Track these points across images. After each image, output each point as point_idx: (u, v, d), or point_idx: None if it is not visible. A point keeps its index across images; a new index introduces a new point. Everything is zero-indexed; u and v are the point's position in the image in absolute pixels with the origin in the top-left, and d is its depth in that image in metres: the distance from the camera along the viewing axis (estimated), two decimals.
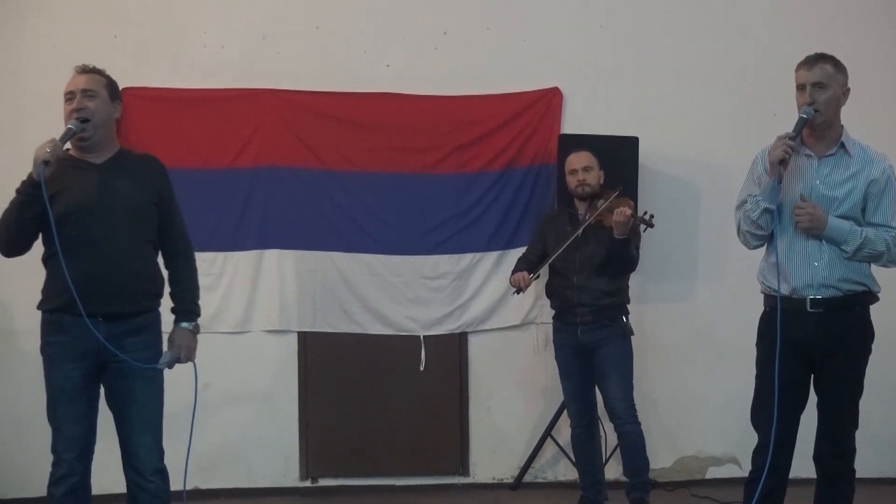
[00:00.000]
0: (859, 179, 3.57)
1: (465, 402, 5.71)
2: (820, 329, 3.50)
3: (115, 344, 3.42)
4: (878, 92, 5.84)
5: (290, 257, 5.56)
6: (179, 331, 3.65)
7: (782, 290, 3.53)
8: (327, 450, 5.64)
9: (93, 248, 3.38)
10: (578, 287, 4.71)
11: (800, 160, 3.61)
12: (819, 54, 3.63)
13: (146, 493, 3.51)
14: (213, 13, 5.61)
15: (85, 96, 3.50)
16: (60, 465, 3.44)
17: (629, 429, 4.72)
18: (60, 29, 5.46)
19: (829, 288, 3.51)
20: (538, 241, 4.95)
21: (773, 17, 5.81)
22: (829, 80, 3.56)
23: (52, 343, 3.44)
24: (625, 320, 4.76)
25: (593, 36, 5.77)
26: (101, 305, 3.38)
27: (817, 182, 3.58)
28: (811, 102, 3.55)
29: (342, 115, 5.60)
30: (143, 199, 3.54)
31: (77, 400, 3.43)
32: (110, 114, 3.59)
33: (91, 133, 3.49)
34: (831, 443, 3.59)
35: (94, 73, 3.60)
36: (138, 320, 3.50)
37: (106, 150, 3.57)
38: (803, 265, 3.54)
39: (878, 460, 5.61)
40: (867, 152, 3.65)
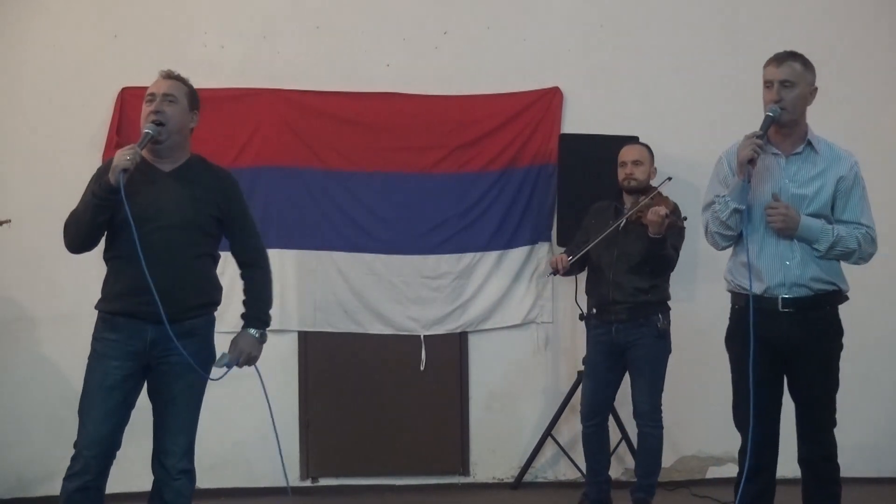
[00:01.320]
0: (828, 177, 3.55)
1: (466, 401, 5.71)
2: (792, 328, 3.49)
3: (162, 346, 3.45)
4: (877, 91, 5.86)
5: (290, 257, 5.56)
6: (245, 335, 3.68)
7: (754, 290, 3.51)
8: (327, 449, 5.64)
9: (150, 258, 3.38)
10: (614, 284, 4.68)
11: (767, 159, 3.58)
12: (788, 52, 3.60)
13: (171, 490, 3.55)
14: (213, 13, 5.61)
15: (165, 100, 3.52)
16: (78, 460, 3.44)
17: (650, 431, 4.71)
18: (61, 29, 5.47)
19: (801, 287, 3.50)
20: (583, 233, 4.89)
21: (773, 16, 5.81)
22: (798, 78, 3.54)
23: (103, 339, 3.48)
24: (661, 319, 4.70)
25: (594, 36, 5.77)
26: (151, 313, 3.41)
27: (786, 181, 3.56)
28: (778, 100, 3.52)
29: (342, 115, 5.60)
30: (203, 214, 3.54)
31: (109, 398, 3.43)
32: (186, 122, 3.60)
33: (165, 137, 3.50)
34: (815, 443, 3.56)
35: (178, 81, 3.62)
36: (188, 324, 3.51)
37: (177, 157, 3.59)
38: (775, 265, 3.52)
39: (875, 460, 5.62)
40: (833, 149, 3.63)
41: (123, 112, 5.41)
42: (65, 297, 5.26)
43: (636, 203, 4.71)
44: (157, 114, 3.48)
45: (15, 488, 5.29)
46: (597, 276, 4.80)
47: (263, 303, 3.76)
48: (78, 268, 4.51)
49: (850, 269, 5.78)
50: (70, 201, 3.60)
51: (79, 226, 3.48)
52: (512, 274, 5.66)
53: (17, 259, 5.36)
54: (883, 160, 5.86)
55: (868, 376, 5.68)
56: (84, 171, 5.04)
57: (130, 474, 3.94)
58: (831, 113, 5.75)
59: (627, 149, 4.82)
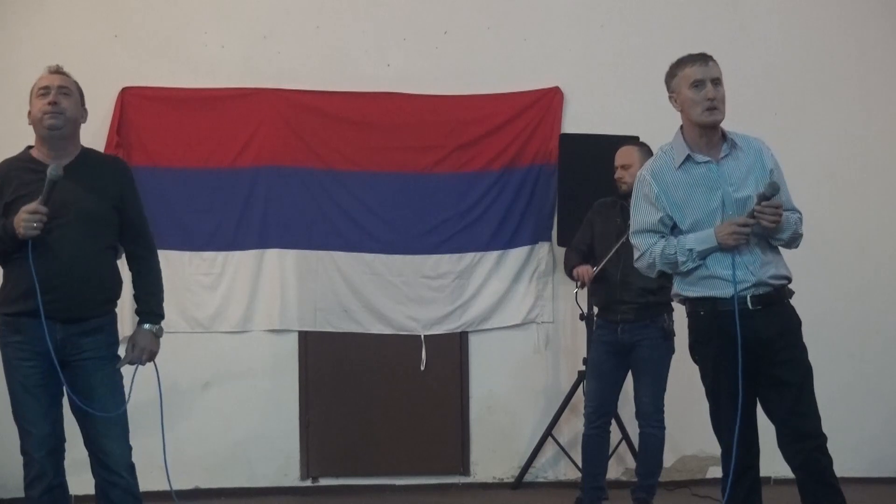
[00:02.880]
0: (756, 170, 3.48)
1: (466, 401, 5.71)
2: (764, 325, 3.44)
3: (72, 344, 3.42)
4: (879, 91, 5.86)
5: (290, 257, 5.56)
6: (141, 332, 3.60)
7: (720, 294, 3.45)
8: (328, 449, 5.64)
9: (51, 253, 3.37)
10: (621, 283, 4.66)
11: (697, 168, 3.48)
12: (704, 53, 3.53)
13: (118, 489, 3.50)
14: (213, 13, 5.61)
15: (60, 92, 3.50)
16: (32, 465, 3.43)
17: (652, 431, 4.70)
18: (61, 29, 5.46)
19: (764, 285, 3.46)
20: (586, 230, 4.87)
21: (774, 16, 5.81)
22: (721, 76, 3.49)
23: (10, 343, 3.43)
24: (667, 319, 4.68)
25: (594, 35, 5.77)
26: (58, 310, 3.38)
27: (728, 188, 3.46)
28: (713, 98, 3.43)
29: (343, 115, 5.60)
30: (103, 205, 3.50)
31: (39, 396, 3.41)
32: (79, 116, 3.57)
33: (62, 123, 3.47)
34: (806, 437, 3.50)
35: (68, 75, 3.62)
36: (94, 322, 3.48)
37: (69, 152, 3.54)
38: (739, 269, 3.43)
39: (876, 460, 5.61)
40: (748, 140, 3.56)
41: (123, 112, 5.41)
42: None
43: None
44: (54, 105, 3.45)
45: (16, 488, 5.28)
46: (603, 276, 4.79)
47: (155, 296, 3.66)
48: None
49: (851, 269, 5.79)
50: None
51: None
52: (512, 274, 5.66)
53: None
54: (885, 159, 5.88)
55: (868, 376, 5.69)
56: None
57: None
58: (832, 112, 5.79)
59: (619, 151, 4.78)
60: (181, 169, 5.49)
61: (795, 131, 5.59)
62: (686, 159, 3.52)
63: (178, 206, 5.46)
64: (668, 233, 3.57)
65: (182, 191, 5.48)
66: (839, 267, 5.73)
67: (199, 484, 5.32)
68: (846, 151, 5.78)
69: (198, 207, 5.49)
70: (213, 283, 5.48)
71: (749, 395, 3.55)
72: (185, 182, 5.48)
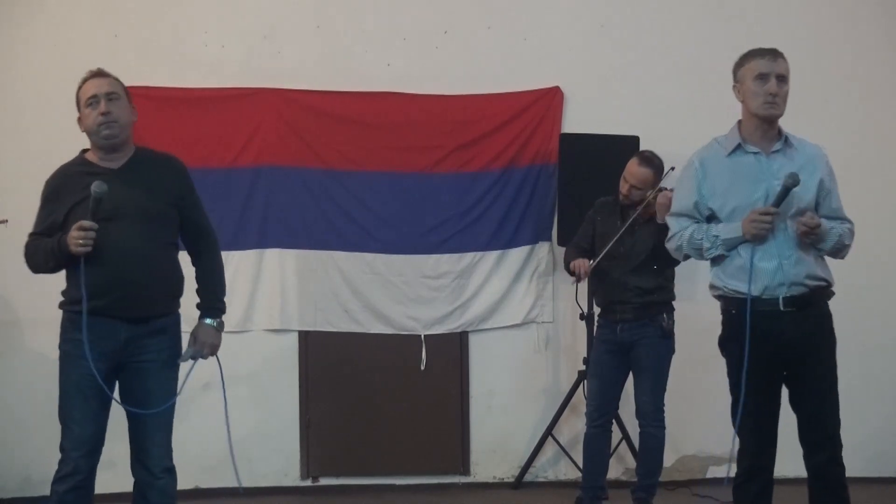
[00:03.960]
0: (808, 172, 3.49)
1: (466, 401, 5.71)
2: (794, 327, 3.45)
3: (135, 345, 3.46)
4: (879, 91, 5.85)
5: (290, 256, 5.57)
6: (203, 327, 3.66)
7: (753, 292, 3.46)
8: (328, 449, 5.65)
9: (112, 254, 3.39)
10: (620, 283, 4.67)
11: (745, 158, 3.52)
12: (774, 48, 3.54)
13: (155, 490, 3.54)
14: (213, 12, 5.61)
15: (109, 99, 3.51)
16: (67, 462, 3.44)
17: (652, 431, 4.70)
18: (61, 29, 5.46)
19: (799, 286, 3.46)
20: (588, 228, 4.86)
21: (774, 16, 5.81)
22: (788, 74, 3.51)
23: (72, 340, 3.44)
24: (666, 319, 4.69)
25: (594, 35, 5.77)
26: (121, 310, 3.42)
27: (774, 181, 3.48)
28: (775, 93, 3.46)
29: (343, 115, 5.60)
30: (161, 203, 3.53)
31: (90, 398, 3.43)
32: (131, 117, 3.60)
33: (117, 132, 3.50)
34: (824, 446, 3.50)
35: (112, 77, 3.61)
36: (158, 322, 3.52)
37: (124, 153, 3.57)
38: (772, 265, 3.46)
39: (876, 460, 5.61)
40: (807, 145, 3.58)
41: None
42: None
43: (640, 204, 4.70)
44: (107, 115, 3.47)
45: (17, 488, 5.30)
46: (603, 276, 4.79)
47: (217, 291, 3.71)
48: None
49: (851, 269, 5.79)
50: None
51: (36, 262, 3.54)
52: (512, 274, 5.67)
53: (17, 259, 5.34)
54: (886, 159, 5.88)
55: (868, 376, 5.68)
56: None
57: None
58: (834, 110, 5.79)
59: (635, 167, 4.68)
60: None
61: (796, 131, 5.53)
62: (737, 148, 3.54)
63: None
64: (702, 219, 3.60)
65: None
66: (840, 266, 5.69)
67: (199, 483, 5.32)
68: (846, 151, 5.75)
69: None
70: None
71: (773, 397, 3.55)
72: None
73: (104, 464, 3.58)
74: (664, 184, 4.68)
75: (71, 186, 3.47)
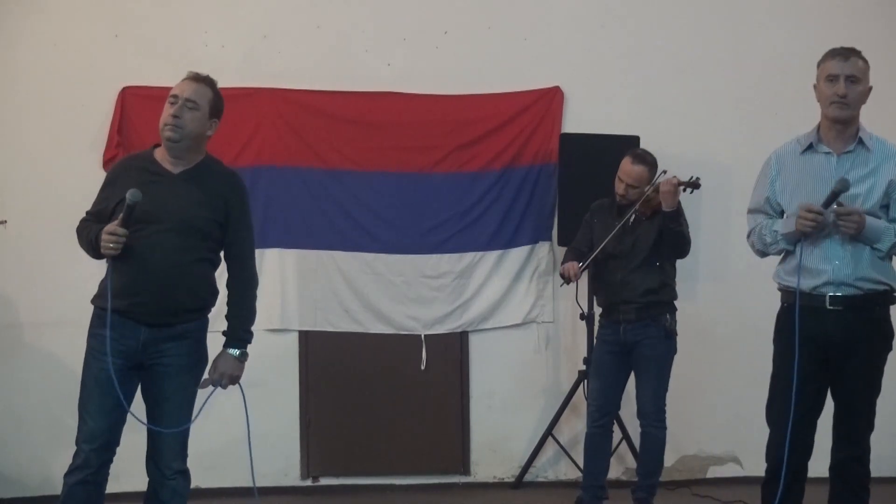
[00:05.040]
0: (879, 175, 3.48)
1: (466, 401, 5.71)
2: (837, 327, 3.44)
3: (155, 348, 3.46)
4: (879, 91, 5.84)
5: (291, 256, 5.56)
6: (225, 356, 3.62)
7: (803, 288, 3.47)
8: (328, 449, 5.65)
9: (146, 256, 3.40)
10: (622, 283, 4.66)
11: (817, 157, 3.54)
12: (850, 47, 3.54)
13: (167, 490, 3.57)
14: (213, 12, 5.60)
15: (186, 106, 3.48)
16: (79, 454, 3.46)
17: (653, 431, 4.70)
18: (61, 28, 5.46)
19: (849, 286, 3.45)
20: (586, 231, 4.87)
21: (775, 15, 5.81)
22: (861, 74, 3.51)
23: (97, 335, 3.46)
24: (669, 319, 4.68)
25: (594, 35, 5.76)
26: (143, 313, 3.43)
27: None
28: (844, 95, 3.46)
29: (343, 115, 5.60)
30: (206, 217, 3.51)
31: (108, 393, 3.43)
32: (204, 130, 3.54)
33: (179, 137, 3.47)
34: (848, 444, 3.52)
35: (204, 85, 3.57)
36: (180, 328, 3.50)
37: (189, 160, 3.55)
38: (824, 263, 3.47)
39: (875, 460, 5.59)
40: (886, 146, 3.56)
41: (124, 112, 5.41)
42: (64, 297, 5.24)
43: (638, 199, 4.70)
44: (175, 118, 3.45)
45: (15, 488, 5.29)
46: (605, 276, 4.78)
47: (245, 320, 3.65)
48: (77, 268, 4.53)
49: None
50: (69, 202, 3.60)
51: (83, 248, 3.56)
52: (512, 273, 5.66)
53: (17, 259, 5.36)
54: None
55: None
56: (83, 171, 5.12)
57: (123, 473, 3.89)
58: None
59: (628, 165, 4.69)
60: None
61: (796, 131, 5.55)
62: (809, 147, 3.56)
63: None
64: (775, 215, 3.64)
65: None
66: None
67: (199, 483, 5.29)
68: None
69: None
70: None
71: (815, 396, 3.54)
72: None
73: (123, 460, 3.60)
74: None
75: (128, 178, 3.45)
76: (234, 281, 3.65)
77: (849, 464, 3.52)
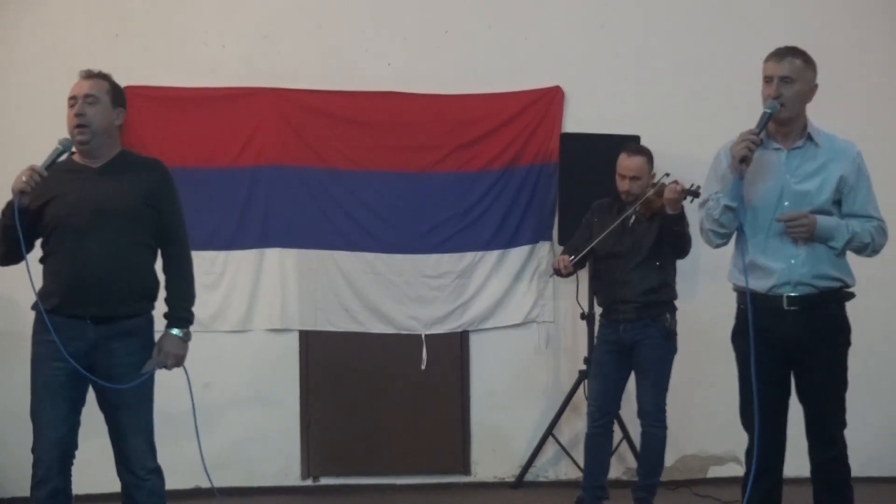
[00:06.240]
0: (829, 170, 3.49)
1: (467, 400, 5.71)
2: (797, 326, 3.45)
3: (105, 349, 3.44)
4: (880, 91, 5.85)
5: (291, 256, 5.57)
6: (169, 337, 3.62)
7: (758, 288, 3.48)
8: (329, 448, 5.65)
9: (83, 251, 3.40)
10: (622, 282, 4.66)
11: (768, 154, 3.53)
12: (789, 47, 3.55)
13: (143, 491, 3.54)
14: (214, 12, 5.61)
15: (86, 102, 3.50)
16: (39, 466, 3.45)
17: (654, 431, 4.70)
18: (61, 28, 5.46)
19: (806, 286, 3.46)
20: (585, 230, 4.87)
21: (775, 14, 5.80)
22: (798, 74, 3.48)
23: (42, 341, 3.46)
24: (669, 318, 4.68)
25: (595, 35, 5.76)
26: (89, 308, 3.41)
27: (788, 176, 3.50)
28: (777, 96, 3.47)
29: (343, 114, 5.60)
30: (137, 202, 3.52)
31: (60, 399, 3.44)
32: (111, 120, 3.57)
33: (89, 138, 3.49)
34: (824, 446, 3.52)
35: (99, 79, 3.60)
36: (128, 324, 3.50)
37: (106, 154, 3.57)
38: (780, 263, 3.47)
39: (876, 460, 5.61)
40: (834, 142, 3.57)
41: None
42: None
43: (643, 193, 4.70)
44: (79, 117, 3.47)
45: (17, 488, 5.29)
46: (605, 275, 4.78)
47: (185, 300, 3.66)
48: None
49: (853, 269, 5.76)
50: None
51: None
52: (513, 273, 5.67)
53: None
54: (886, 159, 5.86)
55: (868, 376, 5.66)
56: None
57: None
58: (834, 110, 5.77)
59: (626, 160, 4.72)
60: (182, 168, 5.43)
61: None
62: (761, 144, 3.53)
63: None
64: None
65: (182, 190, 5.40)
66: None
67: (199, 483, 5.31)
68: None
69: (198, 207, 5.46)
70: (214, 282, 5.48)
71: (780, 395, 3.55)
72: (185, 181, 5.37)
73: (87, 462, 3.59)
74: None
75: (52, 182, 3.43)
76: (170, 262, 3.66)
77: (829, 465, 3.52)
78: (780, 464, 3.59)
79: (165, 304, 3.66)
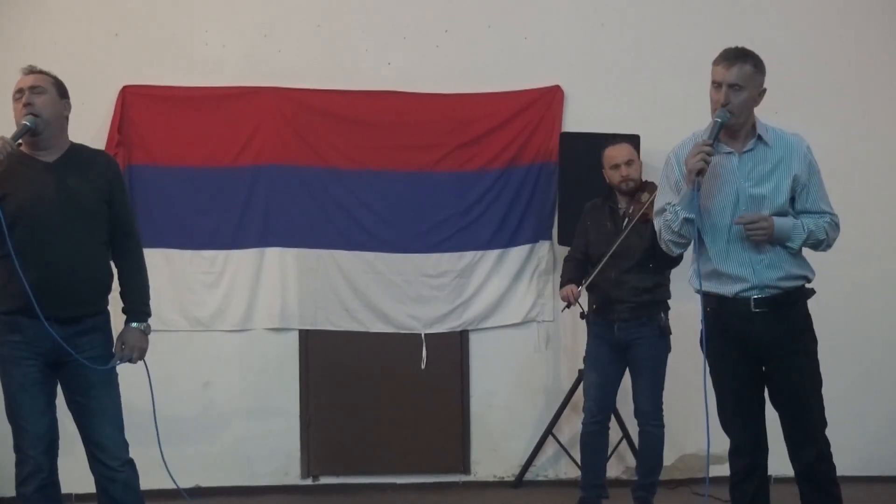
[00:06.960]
0: (782, 170, 3.47)
1: (466, 400, 5.71)
2: (766, 328, 3.44)
3: (69, 344, 3.45)
4: (880, 90, 5.85)
5: (291, 255, 5.57)
6: (130, 331, 3.63)
7: (725, 293, 3.48)
8: (328, 448, 5.65)
9: (45, 249, 3.41)
10: (616, 282, 4.67)
11: (720, 158, 3.49)
12: (739, 51, 3.51)
13: (118, 485, 3.54)
14: (214, 11, 5.61)
15: (33, 93, 3.51)
16: (27, 462, 3.45)
17: (652, 430, 4.71)
18: (61, 28, 5.46)
19: (771, 288, 3.45)
20: (581, 237, 4.87)
21: (774, 14, 5.81)
22: (746, 81, 3.45)
23: (8, 342, 3.46)
24: (663, 318, 4.69)
25: (595, 34, 5.76)
26: (54, 308, 3.41)
27: (742, 181, 3.47)
28: (726, 104, 3.44)
29: (344, 114, 5.60)
30: (95, 198, 3.54)
31: (37, 395, 3.45)
32: (60, 110, 3.59)
33: (42, 128, 3.49)
34: (807, 446, 3.50)
35: (41, 73, 3.62)
36: (90, 321, 3.53)
37: (57, 147, 3.58)
38: (744, 268, 3.46)
39: (875, 460, 5.61)
40: (784, 138, 3.54)
41: (124, 111, 5.42)
42: None
43: (634, 202, 4.71)
44: (28, 106, 3.47)
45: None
46: (599, 275, 4.79)
47: (142, 293, 3.68)
48: None
49: (851, 269, 5.77)
50: None
51: None
52: (513, 272, 5.67)
53: None
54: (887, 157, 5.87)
55: (868, 376, 5.68)
56: None
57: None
58: (834, 110, 5.78)
59: (615, 149, 4.77)
60: (182, 167, 5.49)
61: (796, 129, 5.57)
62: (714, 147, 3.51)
63: (178, 204, 5.48)
64: None
65: (183, 189, 5.49)
66: (839, 266, 5.71)
67: (199, 482, 5.32)
68: (847, 151, 5.77)
69: (198, 206, 5.49)
70: (214, 281, 5.48)
71: (756, 396, 3.56)
72: (185, 181, 5.49)
73: None
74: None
75: (8, 176, 3.43)
76: (124, 255, 3.67)
77: (813, 466, 3.50)
78: (765, 461, 3.60)
79: (121, 298, 3.66)
